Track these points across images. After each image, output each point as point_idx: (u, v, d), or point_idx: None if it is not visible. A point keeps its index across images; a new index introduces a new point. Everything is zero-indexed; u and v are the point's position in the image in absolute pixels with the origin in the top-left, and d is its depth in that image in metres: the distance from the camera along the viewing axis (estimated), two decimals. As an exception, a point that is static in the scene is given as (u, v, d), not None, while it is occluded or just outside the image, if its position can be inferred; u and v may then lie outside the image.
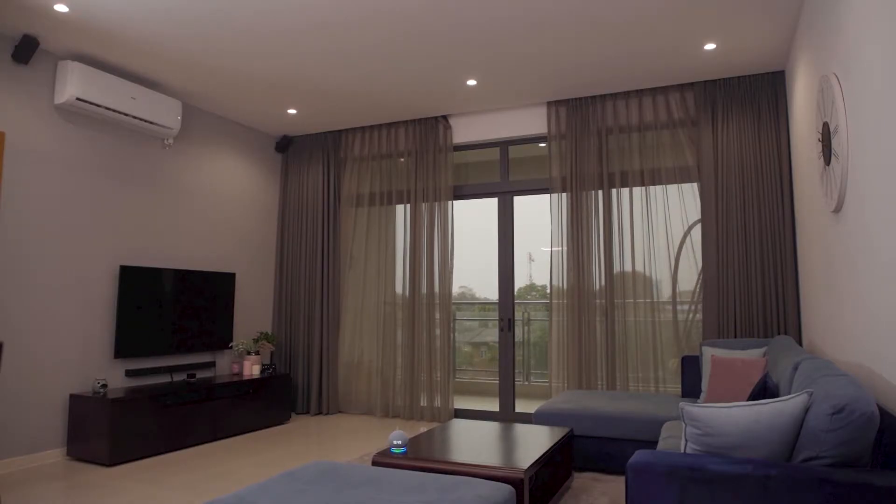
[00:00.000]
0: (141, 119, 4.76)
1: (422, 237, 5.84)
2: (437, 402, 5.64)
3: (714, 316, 4.68)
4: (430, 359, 5.68)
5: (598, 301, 5.07)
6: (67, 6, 3.69)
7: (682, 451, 1.98)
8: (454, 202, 5.85)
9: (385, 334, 5.93)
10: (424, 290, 5.77)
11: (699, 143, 4.88)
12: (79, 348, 4.47)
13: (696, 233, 4.91)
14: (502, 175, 5.74)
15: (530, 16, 3.82)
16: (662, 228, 5.00)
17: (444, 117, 5.86)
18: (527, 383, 6.50)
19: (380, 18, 3.86)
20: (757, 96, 4.72)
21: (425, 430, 3.73)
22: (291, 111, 5.72)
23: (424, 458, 2.92)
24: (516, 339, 5.67)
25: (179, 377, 5.19)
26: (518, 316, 6.14)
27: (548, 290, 5.33)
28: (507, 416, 5.53)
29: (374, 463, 2.96)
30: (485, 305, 6.79)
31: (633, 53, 4.37)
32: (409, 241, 5.88)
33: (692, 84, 4.95)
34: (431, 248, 5.78)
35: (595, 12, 3.77)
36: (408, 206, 5.95)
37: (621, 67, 4.63)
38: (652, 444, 3.80)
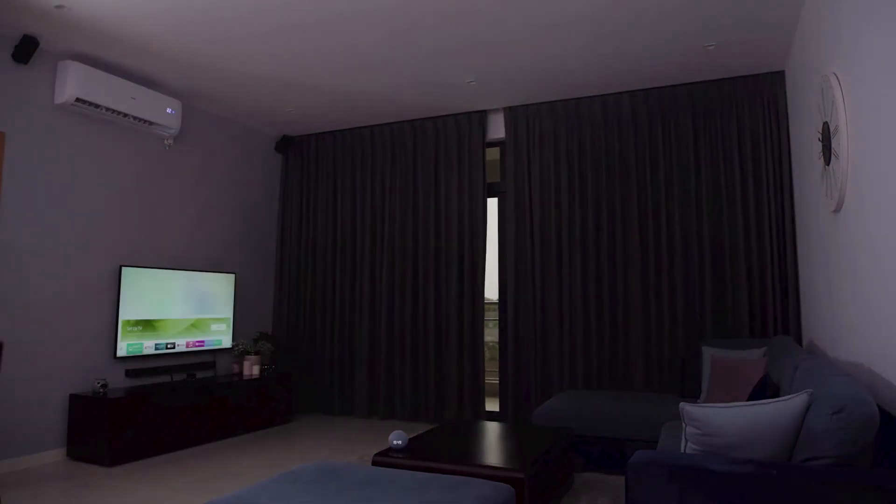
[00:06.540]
0: (141, 119, 4.76)
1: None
2: (437, 402, 5.63)
3: (714, 316, 4.68)
4: (430, 359, 5.67)
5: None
6: (67, 5, 3.69)
7: (682, 451, 1.98)
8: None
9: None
10: (424, 290, 5.77)
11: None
12: (79, 348, 4.47)
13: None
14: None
15: (530, 16, 3.81)
16: (662, 228, 4.99)
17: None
18: (527, 383, 6.47)
19: (381, 18, 3.85)
20: (757, 96, 4.72)
21: (425, 430, 3.72)
22: (291, 111, 5.71)
23: (424, 458, 2.92)
24: (516, 339, 5.65)
25: (179, 377, 5.19)
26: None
27: (548, 290, 5.32)
28: (507, 416, 5.53)
29: (374, 463, 2.96)
30: (484, 305, 6.77)
31: (632, 53, 4.37)
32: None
33: (692, 84, 4.94)
34: (431, 248, 5.77)
35: (595, 12, 3.77)
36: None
37: (620, 67, 4.62)
38: (652, 444, 3.79)
